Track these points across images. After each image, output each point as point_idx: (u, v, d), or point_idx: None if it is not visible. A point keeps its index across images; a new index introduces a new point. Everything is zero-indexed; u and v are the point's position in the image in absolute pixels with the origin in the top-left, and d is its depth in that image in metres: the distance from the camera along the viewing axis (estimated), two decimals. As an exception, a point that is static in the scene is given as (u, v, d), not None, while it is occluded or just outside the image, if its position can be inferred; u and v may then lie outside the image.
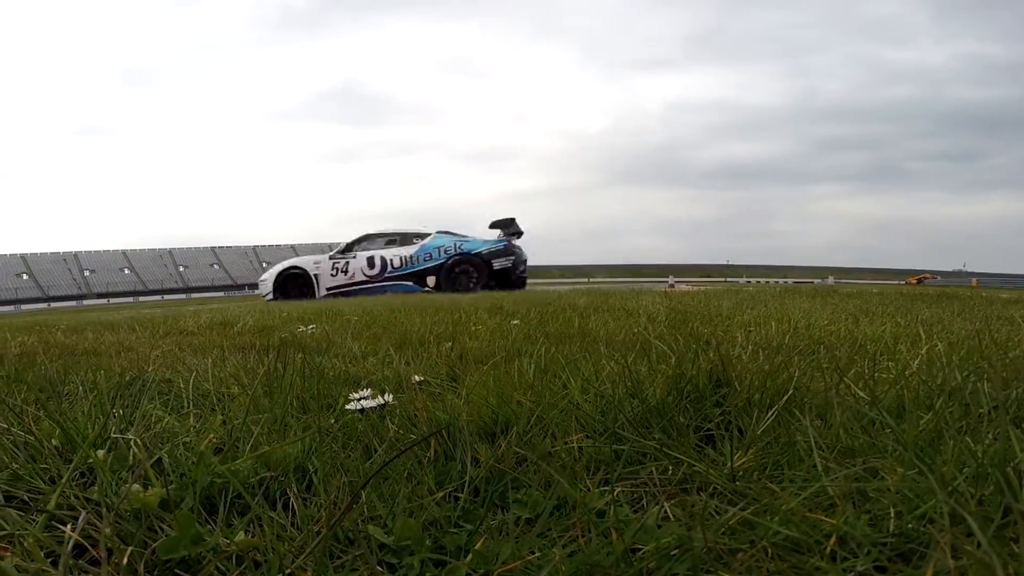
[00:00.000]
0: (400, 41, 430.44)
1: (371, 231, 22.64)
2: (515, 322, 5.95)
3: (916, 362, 2.90)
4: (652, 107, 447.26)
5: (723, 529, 1.35)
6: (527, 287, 21.36)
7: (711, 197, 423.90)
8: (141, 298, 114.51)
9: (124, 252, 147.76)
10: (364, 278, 21.60)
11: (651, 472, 1.77)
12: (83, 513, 1.50)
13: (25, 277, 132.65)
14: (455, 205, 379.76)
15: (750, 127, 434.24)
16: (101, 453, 1.87)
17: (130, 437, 1.97)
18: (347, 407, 2.33)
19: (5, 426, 2.17)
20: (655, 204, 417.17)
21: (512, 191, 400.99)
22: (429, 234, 22.03)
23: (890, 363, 2.99)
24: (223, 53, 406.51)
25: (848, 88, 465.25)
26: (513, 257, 21.50)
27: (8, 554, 1.37)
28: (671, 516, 1.50)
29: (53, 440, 2.05)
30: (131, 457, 1.88)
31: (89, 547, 1.42)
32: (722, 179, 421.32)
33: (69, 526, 1.46)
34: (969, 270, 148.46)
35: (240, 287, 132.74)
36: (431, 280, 21.19)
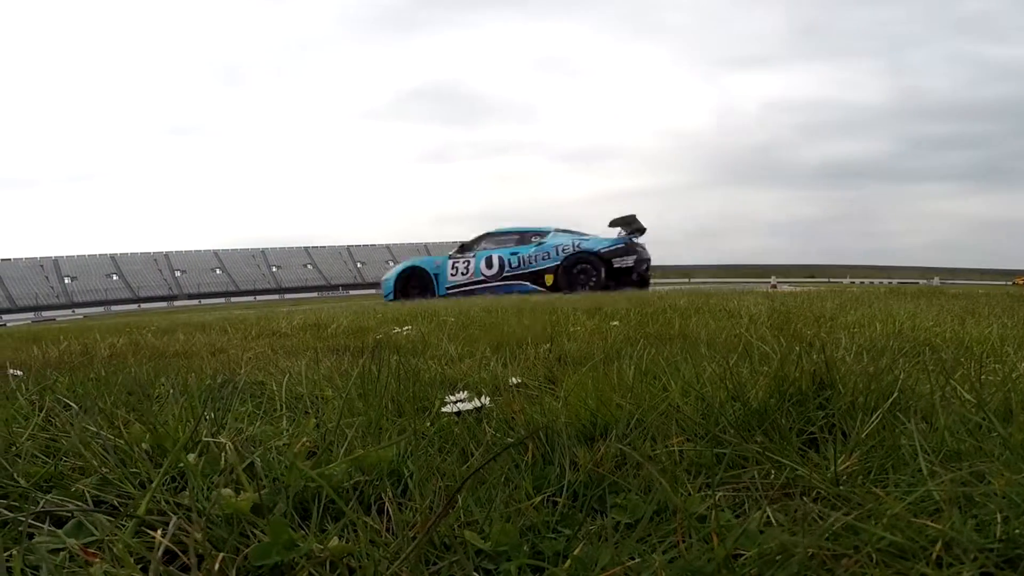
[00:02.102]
0: (495, 40, 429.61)
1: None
2: (614, 323, 5.94)
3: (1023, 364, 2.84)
4: (753, 105, 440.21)
5: (827, 534, 1.34)
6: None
7: (813, 197, 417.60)
8: (233, 299, 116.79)
9: (216, 252, 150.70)
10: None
11: (753, 476, 1.76)
12: (174, 518, 1.53)
13: (115, 278, 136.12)
14: (553, 205, 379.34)
15: (851, 125, 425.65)
16: (192, 457, 1.92)
17: (222, 441, 2.01)
18: (443, 410, 2.35)
19: (95, 430, 2.23)
20: (757, 204, 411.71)
21: (611, 190, 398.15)
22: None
23: (997, 365, 2.93)
24: (317, 52, 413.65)
25: (950, 86, 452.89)
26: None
27: (97, 560, 1.41)
28: (774, 521, 1.49)
29: (143, 444, 2.10)
30: (223, 461, 1.92)
31: (179, 553, 1.45)
32: (824, 178, 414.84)
33: (159, 531, 1.49)
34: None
35: (334, 287, 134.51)
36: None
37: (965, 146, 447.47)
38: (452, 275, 21.92)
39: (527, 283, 21.23)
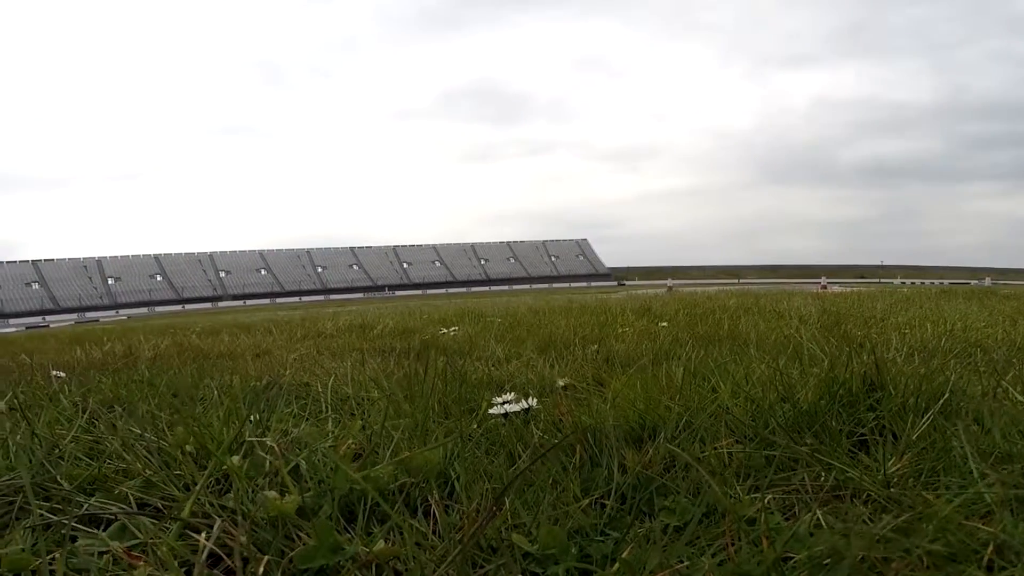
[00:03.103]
0: (536, 39, 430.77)
1: None
2: (663, 324, 5.94)
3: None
4: (797, 104, 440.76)
5: (877, 537, 1.34)
6: None
7: (860, 196, 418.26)
8: (278, 300, 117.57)
9: (261, 253, 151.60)
10: None
11: (803, 478, 1.76)
12: (218, 521, 1.55)
13: (159, 278, 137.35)
14: (596, 204, 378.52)
15: (897, 124, 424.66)
16: (236, 459, 1.93)
17: (267, 443, 2.02)
18: (490, 411, 2.35)
19: (138, 432, 2.25)
20: (803, 203, 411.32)
21: (655, 190, 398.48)
22: None
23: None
24: (360, 52, 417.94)
25: (997, 84, 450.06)
26: None
27: (141, 563, 1.42)
28: (824, 524, 1.48)
29: (187, 446, 2.12)
30: (267, 463, 1.93)
31: (224, 556, 1.47)
32: (871, 177, 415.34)
33: (203, 534, 1.50)
34: None
35: (380, 288, 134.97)
36: None
37: (1012, 144, 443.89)
38: None
39: None
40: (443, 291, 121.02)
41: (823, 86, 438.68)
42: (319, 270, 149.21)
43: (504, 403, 2.38)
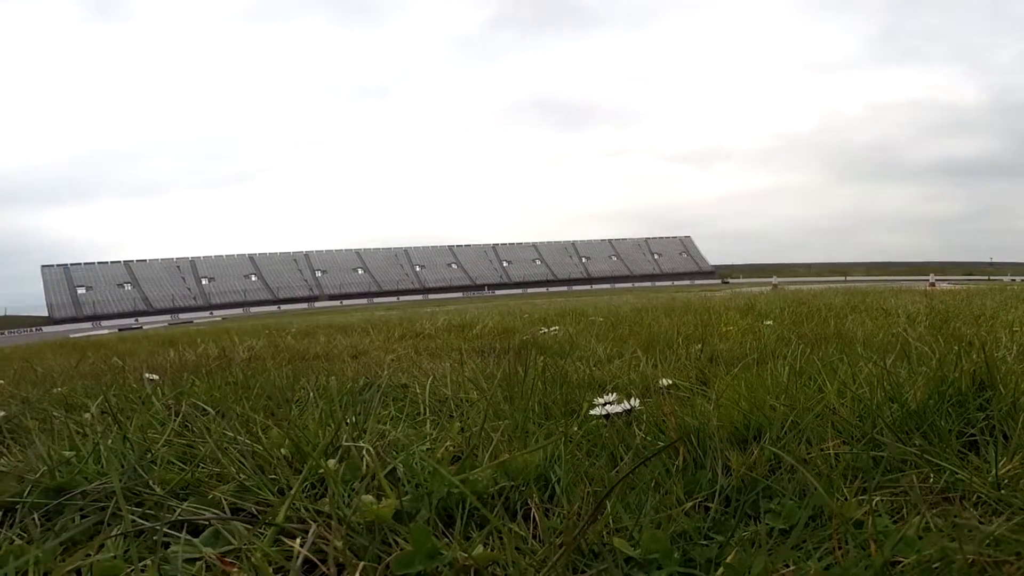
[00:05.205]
0: (609, 46, 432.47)
1: None
2: (767, 323, 5.89)
3: None
4: (851, 107, 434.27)
5: (988, 540, 1.32)
6: None
7: (947, 194, 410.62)
8: (375, 299, 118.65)
9: (358, 251, 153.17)
10: None
11: (911, 480, 1.74)
12: (313, 526, 1.57)
13: (254, 278, 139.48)
14: (687, 204, 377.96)
15: (956, 125, 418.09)
16: (332, 463, 1.95)
17: (363, 446, 2.04)
18: (591, 412, 2.35)
19: (232, 435, 2.29)
20: (889, 201, 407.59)
21: (740, 190, 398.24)
22: None
23: None
24: (453, 56, 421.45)
25: None
26: None
27: (235, 570, 1.44)
28: (933, 526, 1.47)
29: (282, 449, 2.15)
30: (364, 467, 1.94)
31: (318, 562, 1.48)
32: (946, 176, 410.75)
33: (298, 540, 1.52)
34: None
35: (479, 287, 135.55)
36: None
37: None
38: None
39: None
40: (543, 290, 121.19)
41: (874, 90, 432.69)
42: (417, 269, 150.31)
43: (606, 404, 2.38)
